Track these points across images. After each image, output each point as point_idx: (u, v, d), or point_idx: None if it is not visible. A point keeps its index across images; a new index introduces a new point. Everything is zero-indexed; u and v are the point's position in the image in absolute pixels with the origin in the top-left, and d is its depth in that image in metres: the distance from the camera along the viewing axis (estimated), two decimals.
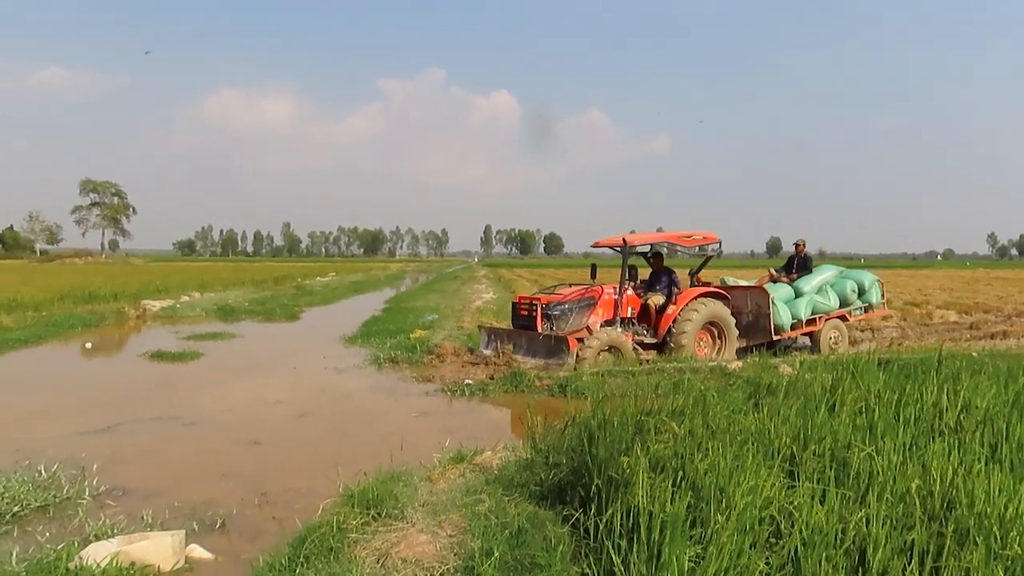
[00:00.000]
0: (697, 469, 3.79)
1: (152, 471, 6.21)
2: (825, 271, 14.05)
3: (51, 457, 6.05)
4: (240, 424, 7.87)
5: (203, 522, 4.81)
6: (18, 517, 4.81)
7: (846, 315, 13.69)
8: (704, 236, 12.66)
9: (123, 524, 4.60)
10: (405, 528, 4.30)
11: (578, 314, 11.56)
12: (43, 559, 3.89)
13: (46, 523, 4.74)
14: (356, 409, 8.65)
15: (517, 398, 8.99)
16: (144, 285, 27.26)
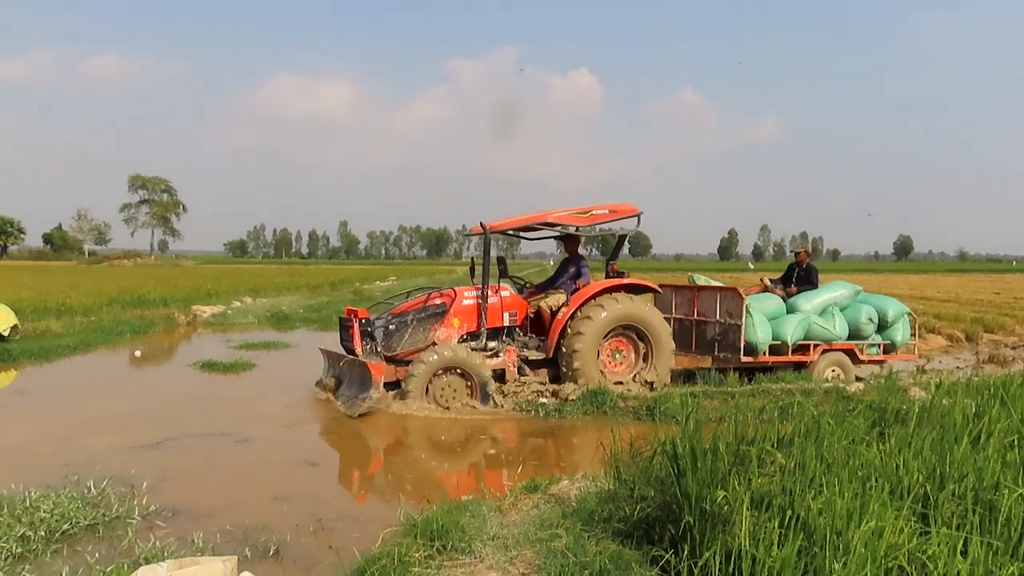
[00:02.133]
0: (809, 508, 3.67)
1: (203, 491, 6.38)
2: (835, 289, 11.94)
3: (100, 473, 6.28)
4: (295, 443, 8.02)
5: (256, 548, 4.91)
6: (67, 535, 5.01)
7: (855, 350, 11.63)
8: (612, 209, 10.45)
9: (173, 547, 4.74)
10: (473, 564, 4.29)
11: (419, 328, 9.87)
12: None
13: (95, 543, 4.93)
14: (418, 428, 8.71)
15: (598, 420, 8.93)
16: (194, 289, 28.12)
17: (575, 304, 9.99)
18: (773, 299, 11.62)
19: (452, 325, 9.88)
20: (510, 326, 10.21)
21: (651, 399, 9.26)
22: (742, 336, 10.80)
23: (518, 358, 9.96)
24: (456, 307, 9.93)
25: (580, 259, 10.87)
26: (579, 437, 8.48)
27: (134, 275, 43.47)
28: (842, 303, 11.79)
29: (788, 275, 12.56)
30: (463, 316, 9.95)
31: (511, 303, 10.24)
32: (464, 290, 10.12)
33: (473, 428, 8.82)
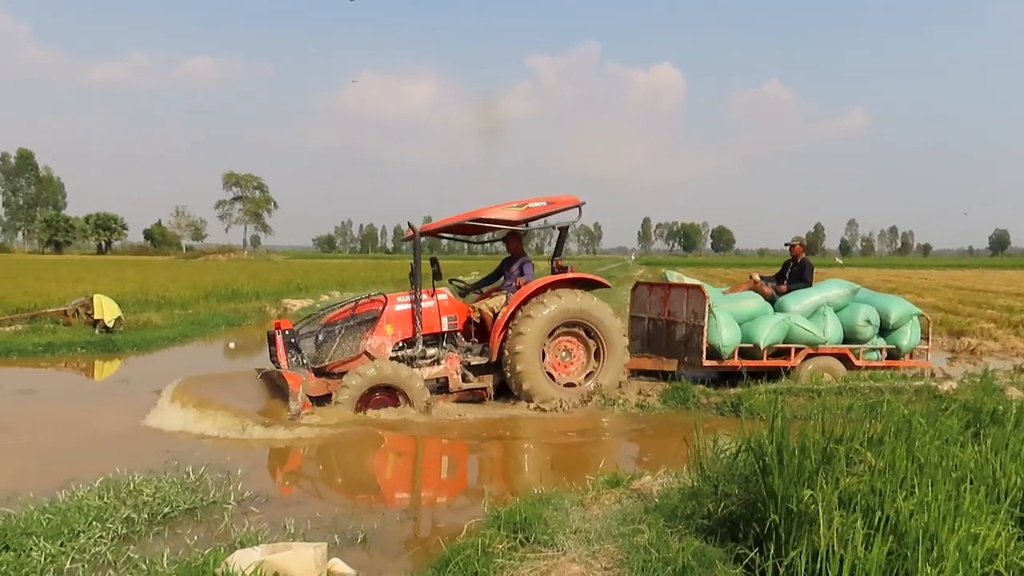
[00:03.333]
0: (899, 509, 3.56)
1: (294, 479, 6.57)
2: (830, 288, 10.85)
3: (198, 459, 6.51)
4: (380, 434, 8.14)
5: (344, 535, 5.01)
6: (168, 518, 5.20)
7: (849, 355, 10.46)
8: (550, 201, 9.70)
9: (266, 532, 4.87)
10: (555, 556, 4.30)
11: (348, 337, 9.15)
12: (191, 563, 4.17)
13: (194, 526, 5.10)
14: (502, 422, 8.76)
15: (681, 416, 8.84)
16: (285, 283, 28.85)
17: (515, 302, 9.29)
18: (753, 298, 10.66)
19: (385, 332, 9.17)
20: (450, 331, 9.51)
21: (735, 396, 9.12)
22: (704, 338, 9.85)
23: (461, 364, 9.35)
24: (388, 313, 9.22)
25: (523, 257, 10.13)
26: (661, 432, 8.41)
27: (228, 269, 44.81)
28: (837, 303, 10.75)
29: (782, 271, 11.53)
30: (396, 322, 9.24)
31: (450, 307, 9.55)
32: (397, 295, 9.48)
33: (554, 423, 8.82)
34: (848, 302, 10.81)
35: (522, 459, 7.65)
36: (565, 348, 9.52)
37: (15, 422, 8.35)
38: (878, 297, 11.32)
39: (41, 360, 12.85)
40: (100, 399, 10.14)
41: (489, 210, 9.40)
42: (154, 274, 33.44)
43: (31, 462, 6.75)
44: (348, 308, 9.41)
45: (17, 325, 15.30)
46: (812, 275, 11.19)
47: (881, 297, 11.35)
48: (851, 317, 10.61)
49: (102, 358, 13.11)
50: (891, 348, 10.76)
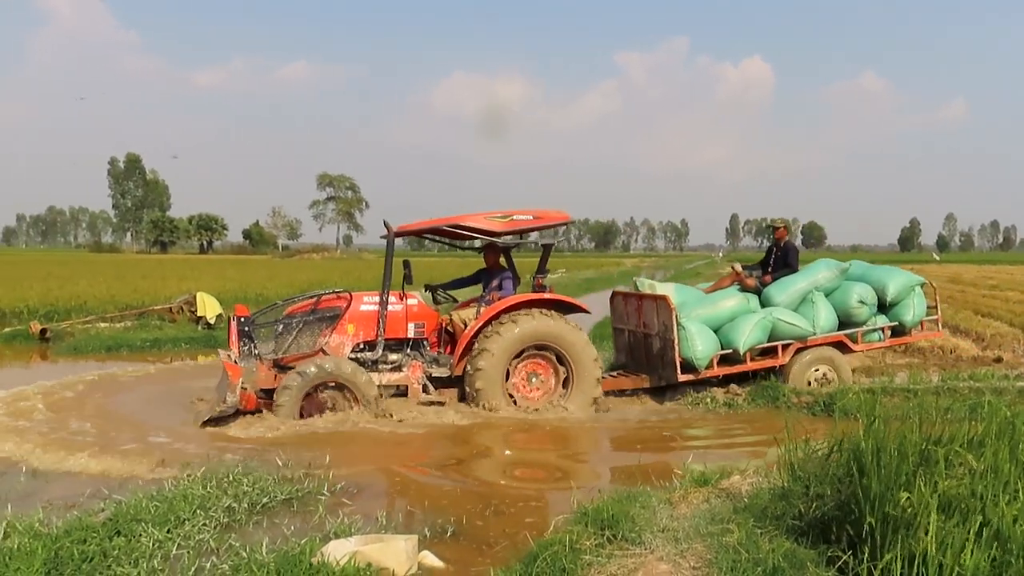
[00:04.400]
0: (1003, 515, 3.41)
1: (385, 472, 6.68)
2: (816, 271, 9.94)
3: (293, 452, 6.70)
4: (473, 429, 8.22)
5: (434, 528, 5.07)
6: (266, 508, 5.37)
7: (845, 341, 9.78)
8: (537, 216, 9.12)
9: (359, 524, 4.97)
10: (643, 554, 4.27)
11: (307, 332, 8.79)
12: (288, 552, 4.30)
13: (290, 516, 5.24)
14: (583, 421, 8.72)
15: (771, 414, 8.66)
16: (376, 280, 29.29)
17: (484, 318, 8.78)
18: (732, 297, 9.76)
19: (346, 332, 8.75)
20: (416, 338, 9.05)
21: (827, 395, 8.87)
22: (676, 352, 9.09)
23: (423, 374, 8.90)
24: (352, 312, 8.80)
25: (504, 271, 9.61)
26: (750, 432, 8.25)
27: (322, 267, 45.87)
28: (827, 286, 9.83)
29: (766, 258, 10.49)
30: (359, 323, 8.81)
31: (418, 313, 9.07)
32: (364, 295, 9.06)
33: (639, 421, 8.76)
34: (839, 283, 9.91)
35: (607, 456, 7.61)
36: (534, 371, 8.96)
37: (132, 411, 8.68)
38: (874, 271, 10.30)
39: (148, 355, 13.38)
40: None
41: (471, 217, 8.95)
42: (252, 272, 34.50)
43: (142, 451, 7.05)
44: (311, 301, 9.02)
45: (127, 321, 16.03)
46: (797, 259, 10.25)
47: (877, 271, 10.33)
48: (843, 299, 9.75)
49: (204, 353, 13.56)
50: (894, 325, 9.98)
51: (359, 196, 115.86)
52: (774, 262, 10.24)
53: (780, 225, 10.42)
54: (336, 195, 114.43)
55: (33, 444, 7.14)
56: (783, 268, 10.06)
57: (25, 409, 8.52)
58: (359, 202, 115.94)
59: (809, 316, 9.57)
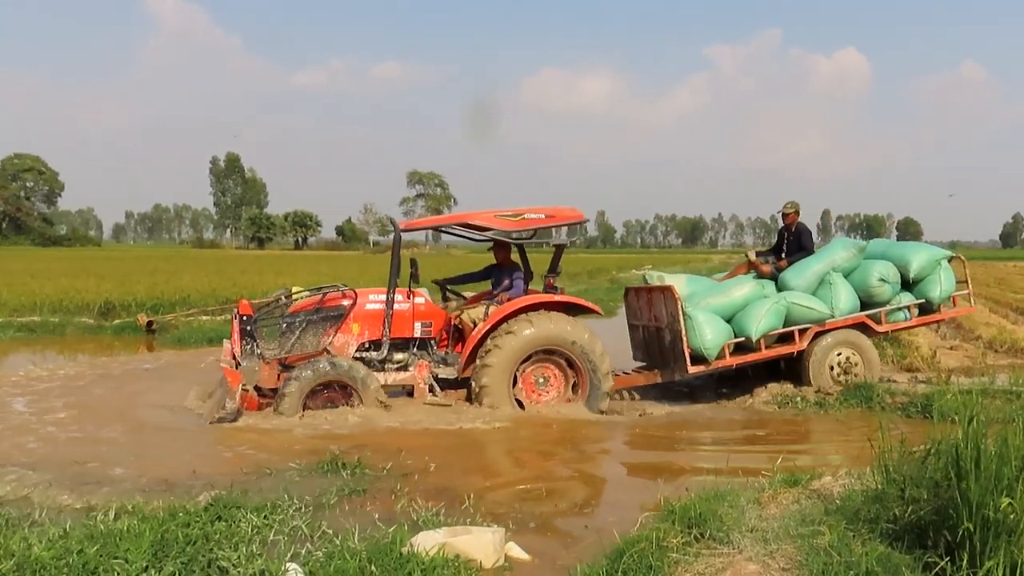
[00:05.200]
0: None
1: (473, 465, 6.75)
2: (833, 251, 9.53)
3: (383, 444, 6.84)
4: (559, 425, 8.24)
5: (520, 522, 5.10)
6: (356, 495, 5.51)
7: (868, 322, 9.35)
8: (549, 214, 8.86)
9: (446, 515, 5.04)
10: (731, 554, 4.21)
11: (311, 330, 8.54)
12: (379, 540, 4.39)
13: (379, 505, 5.35)
14: (668, 418, 8.64)
15: (863, 416, 8.41)
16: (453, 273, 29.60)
17: (493, 319, 8.47)
18: (744, 285, 9.40)
19: (351, 331, 8.54)
20: (423, 338, 8.82)
21: (923, 395, 8.56)
22: (684, 343, 8.80)
23: (430, 375, 8.67)
24: (357, 310, 8.59)
25: (515, 269, 9.27)
26: (842, 432, 8.02)
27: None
28: (845, 266, 9.40)
29: (778, 244, 10.16)
30: (365, 321, 8.59)
31: (426, 312, 8.83)
32: (369, 292, 8.83)
33: (726, 419, 8.63)
34: (858, 262, 9.47)
35: (695, 454, 7.51)
36: (543, 375, 8.67)
37: None
38: (895, 248, 9.85)
39: None
40: None
41: (480, 215, 8.77)
42: (345, 267, 35.19)
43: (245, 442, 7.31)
44: (315, 299, 8.76)
45: (227, 315, 16.58)
46: (812, 241, 9.92)
47: (898, 247, 9.86)
48: (863, 278, 9.31)
49: None
50: (921, 303, 9.49)
51: (448, 193, 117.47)
52: (787, 246, 9.92)
53: (791, 210, 9.97)
54: (425, 192, 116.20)
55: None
56: (798, 252, 9.74)
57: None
58: (448, 199, 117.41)
59: (827, 298, 9.21)
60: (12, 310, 17.01)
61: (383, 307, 8.60)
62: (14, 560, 4.02)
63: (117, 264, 35.29)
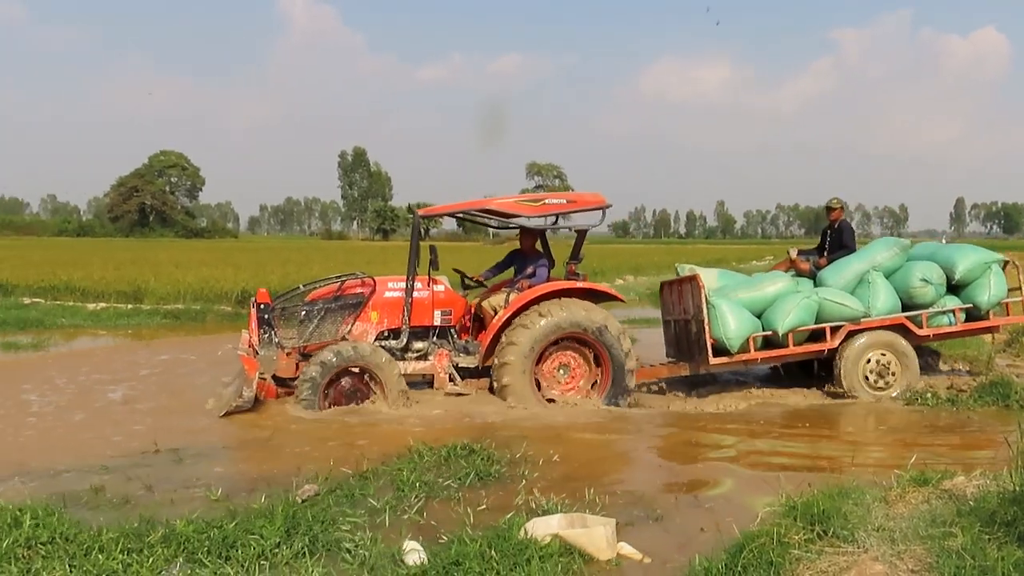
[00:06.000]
0: None
1: (588, 456, 6.75)
2: (875, 250, 9.11)
3: (499, 433, 6.95)
4: (683, 418, 8.16)
5: (636, 515, 5.05)
6: (474, 483, 5.58)
7: (907, 324, 8.79)
8: (571, 200, 8.74)
9: (561, 505, 5.04)
10: (856, 553, 4.06)
11: (329, 319, 8.34)
12: (496, 527, 4.46)
13: (497, 492, 5.42)
14: (788, 412, 8.40)
15: (1000, 414, 7.95)
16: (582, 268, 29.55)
17: (513, 307, 8.25)
18: (779, 280, 9.03)
19: (370, 319, 8.37)
20: (443, 326, 8.63)
21: None
22: (707, 333, 8.49)
23: (450, 364, 8.44)
24: (376, 299, 8.43)
25: (538, 256, 9.07)
26: (977, 431, 7.60)
27: None
28: (887, 266, 8.94)
29: (821, 242, 9.85)
30: (384, 310, 8.43)
31: (445, 299, 8.63)
32: (388, 280, 8.63)
33: (849, 414, 8.32)
34: (901, 262, 9.01)
35: (818, 450, 7.26)
36: (563, 363, 8.45)
37: None
38: (944, 249, 9.27)
39: None
40: None
41: (500, 201, 8.61)
42: (465, 258, 35.58)
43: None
44: (333, 287, 8.60)
45: None
46: (854, 239, 9.46)
47: (947, 249, 9.29)
48: (905, 279, 8.83)
49: None
50: (968, 307, 8.88)
51: (566, 184, 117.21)
52: (829, 244, 9.60)
53: (836, 206, 9.66)
54: (544, 184, 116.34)
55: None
56: (839, 249, 9.39)
57: None
58: (566, 190, 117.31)
59: (865, 297, 8.77)
60: (159, 298, 18.10)
61: (402, 295, 8.43)
62: (161, 533, 4.32)
63: (252, 255, 36.93)
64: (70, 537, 4.26)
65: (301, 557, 4.13)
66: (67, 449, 6.54)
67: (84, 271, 22.02)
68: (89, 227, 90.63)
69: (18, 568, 3.90)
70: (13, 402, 8.51)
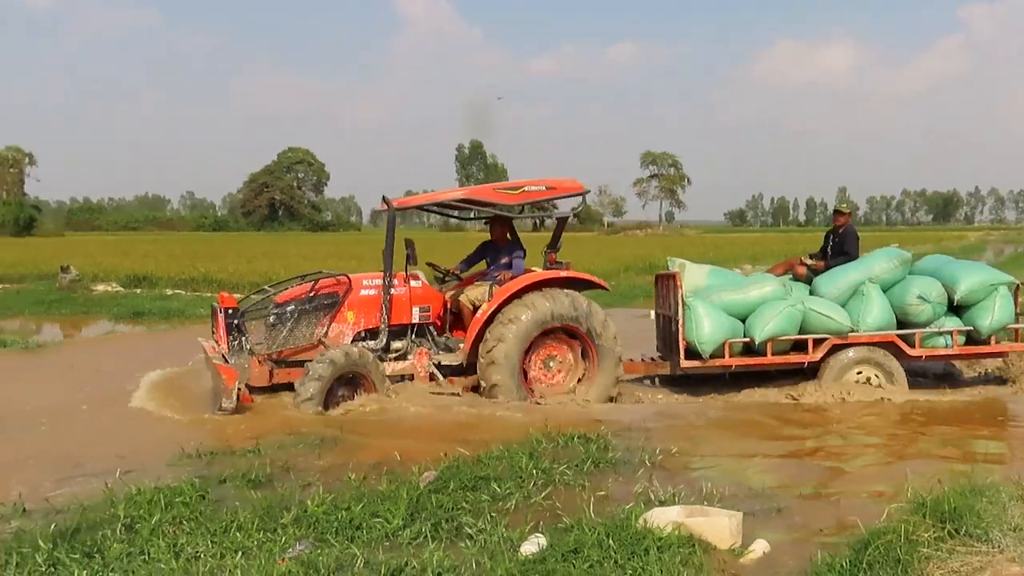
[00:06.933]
0: None
1: (706, 446, 6.63)
2: (873, 260, 8.50)
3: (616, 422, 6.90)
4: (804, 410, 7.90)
5: (760, 508, 4.91)
6: (591, 470, 5.54)
7: (898, 342, 8.20)
8: (551, 186, 8.34)
9: (682, 495, 4.98)
10: (990, 553, 3.85)
11: (302, 321, 7.80)
12: (615, 515, 4.46)
13: (615, 480, 5.38)
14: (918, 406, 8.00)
15: None
16: (698, 256, 28.94)
17: (497, 300, 7.83)
18: (766, 283, 8.51)
19: (346, 320, 7.91)
20: (421, 323, 8.17)
21: None
22: (680, 334, 8.09)
23: (430, 362, 8.04)
24: (352, 298, 7.95)
25: (513, 247, 8.55)
26: None
27: (645, 244, 46.40)
28: (885, 278, 8.32)
29: (824, 246, 9.22)
30: (360, 309, 7.96)
31: (422, 295, 8.18)
32: (363, 277, 8.14)
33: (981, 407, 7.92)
34: (901, 275, 8.40)
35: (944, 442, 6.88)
36: (550, 355, 8.12)
37: None
38: (950, 266, 8.66)
39: None
40: None
41: (480, 190, 8.40)
42: (580, 248, 35.63)
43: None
44: (305, 287, 8.12)
45: None
46: (856, 246, 8.85)
47: (954, 265, 8.68)
48: (902, 294, 8.25)
49: None
50: (968, 330, 8.26)
51: (681, 173, 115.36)
52: (831, 249, 9.04)
53: (846, 211, 9.20)
54: (659, 172, 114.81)
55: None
56: (840, 256, 8.84)
57: None
58: (681, 179, 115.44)
59: (857, 310, 8.21)
60: None
61: (379, 293, 7.99)
62: (294, 513, 4.52)
63: (374, 246, 37.79)
64: (211, 516, 4.54)
65: (423, 540, 4.24)
66: (212, 433, 6.83)
67: (219, 264, 23.24)
68: (224, 222, 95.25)
69: (165, 543, 4.17)
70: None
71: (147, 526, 4.36)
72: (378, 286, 8.00)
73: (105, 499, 4.82)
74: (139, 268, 22.29)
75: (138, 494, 4.80)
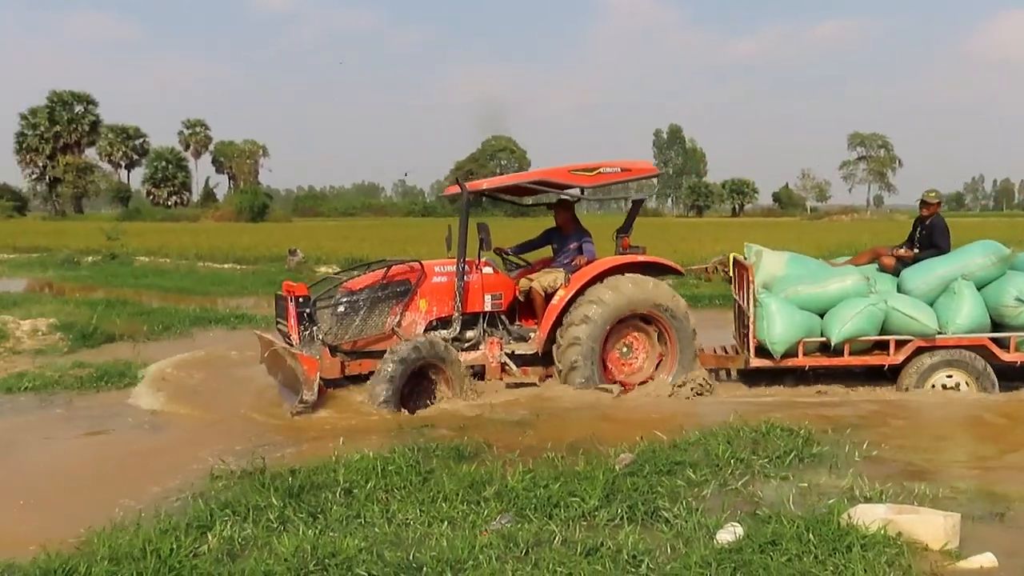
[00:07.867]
0: None
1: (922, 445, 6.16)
2: (967, 255, 7.56)
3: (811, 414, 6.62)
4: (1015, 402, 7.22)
5: (975, 511, 4.52)
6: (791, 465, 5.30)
7: (990, 346, 7.31)
8: (625, 168, 7.94)
9: (891, 492, 4.70)
10: None
11: (374, 310, 7.39)
12: (816, 509, 4.29)
13: (815, 475, 5.12)
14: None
15: None
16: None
17: (575, 284, 7.45)
18: (847, 276, 7.71)
19: (418, 308, 7.52)
20: (492, 312, 7.76)
21: None
22: (752, 330, 7.56)
23: (502, 351, 7.57)
24: (424, 285, 7.56)
25: (581, 232, 8.17)
26: None
27: (850, 229, 43.74)
28: (980, 276, 7.45)
29: (910, 237, 8.26)
30: (433, 297, 7.58)
31: (494, 283, 7.80)
32: (435, 264, 7.74)
33: None
34: (1000, 273, 7.51)
35: None
36: (627, 343, 7.77)
37: None
38: None
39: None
40: None
41: (554, 172, 7.92)
42: (779, 234, 34.21)
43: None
44: (376, 275, 7.71)
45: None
46: (947, 239, 7.91)
47: None
48: (998, 294, 7.40)
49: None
50: None
51: (892, 155, 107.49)
52: (919, 242, 8.14)
53: (933, 200, 8.10)
54: (867, 155, 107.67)
55: None
56: (929, 248, 7.96)
57: None
58: (892, 161, 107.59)
59: (947, 310, 7.39)
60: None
61: (451, 280, 7.63)
62: (496, 487, 4.70)
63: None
64: (420, 486, 4.82)
65: (619, 522, 4.26)
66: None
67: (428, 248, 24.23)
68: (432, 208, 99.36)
69: (378, 508, 4.48)
70: None
71: (363, 492, 4.71)
72: (450, 273, 7.70)
73: (327, 463, 5.22)
74: (356, 251, 23.74)
75: (360, 459, 5.18)
